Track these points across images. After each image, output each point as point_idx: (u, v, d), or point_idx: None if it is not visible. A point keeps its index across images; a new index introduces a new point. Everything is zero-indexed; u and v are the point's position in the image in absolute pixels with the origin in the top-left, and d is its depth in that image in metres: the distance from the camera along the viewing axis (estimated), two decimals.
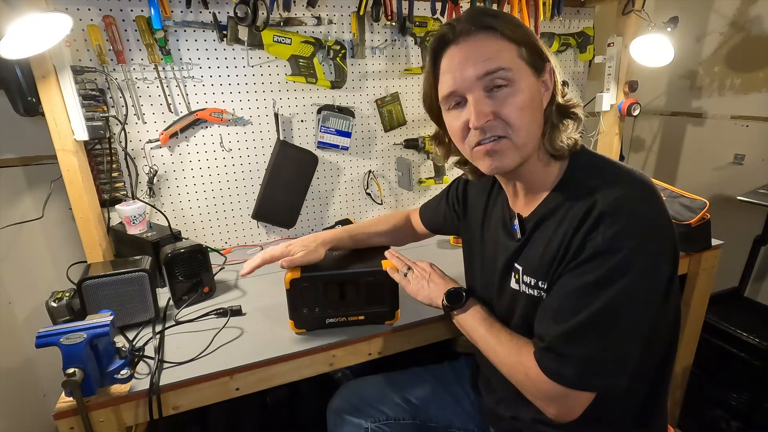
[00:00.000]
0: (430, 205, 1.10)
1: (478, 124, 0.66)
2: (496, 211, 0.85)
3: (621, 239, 0.61)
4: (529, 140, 0.68)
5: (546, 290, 0.70)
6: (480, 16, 0.66)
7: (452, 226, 1.03)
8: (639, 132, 2.32)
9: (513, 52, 0.66)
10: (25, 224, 1.36)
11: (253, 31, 1.30)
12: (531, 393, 0.69)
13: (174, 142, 1.36)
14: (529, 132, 0.67)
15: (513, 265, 0.77)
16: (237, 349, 0.92)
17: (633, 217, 0.61)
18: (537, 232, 0.73)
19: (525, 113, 0.66)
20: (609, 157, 0.72)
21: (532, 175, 0.73)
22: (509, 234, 0.79)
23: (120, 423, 0.81)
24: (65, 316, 0.98)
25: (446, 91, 0.69)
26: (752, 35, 1.79)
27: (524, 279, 0.74)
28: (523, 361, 0.69)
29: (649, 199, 0.64)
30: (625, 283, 0.61)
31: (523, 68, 0.66)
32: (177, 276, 1.08)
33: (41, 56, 1.07)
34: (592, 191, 0.65)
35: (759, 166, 1.83)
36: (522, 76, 0.66)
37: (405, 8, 1.44)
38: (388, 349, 1.00)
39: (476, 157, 0.71)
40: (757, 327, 1.55)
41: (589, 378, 0.64)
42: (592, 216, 0.63)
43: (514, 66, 0.65)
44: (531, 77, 0.67)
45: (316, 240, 0.96)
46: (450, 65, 0.67)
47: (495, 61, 0.64)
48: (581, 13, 1.79)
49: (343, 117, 1.51)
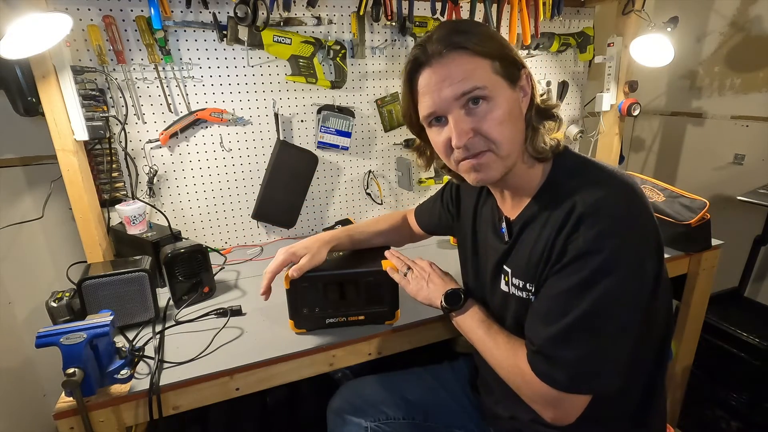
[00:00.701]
0: (425, 206, 1.10)
1: (459, 144, 0.67)
2: (486, 212, 0.86)
3: (602, 239, 0.61)
4: (513, 150, 0.69)
5: (534, 293, 0.71)
6: (450, 35, 0.66)
7: (447, 227, 1.04)
8: (639, 132, 2.32)
9: (487, 68, 0.66)
10: (25, 224, 1.36)
11: (253, 31, 1.30)
12: (527, 396, 0.70)
13: (174, 142, 1.36)
14: (511, 143, 0.68)
15: (502, 267, 0.78)
16: (237, 349, 0.92)
17: (613, 217, 0.62)
18: (523, 235, 0.74)
19: (505, 127, 0.67)
20: (592, 158, 0.73)
21: (517, 180, 0.74)
22: (498, 236, 0.81)
23: (120, 423, 0.81)
24: (65, 316, 0.98)
25: (426, 112, 0.70)
26: (752, 35, 1.79)
27: (513, 281, 0.75)
28: (519, 363, 0.70)
29: (631, 198, 0.64)
30: (610, 283, 0.61)
31: (498, 82, 0.66)
32: (177, 276, 1.08)
33: (41, 56, 1.07)
34: (573, 193, 0.66)
35: (759, 166, 1.83)
36: (498, 91, 0.66)
37: (405, 8, 1.44)
38: (388, 349, 1.00)
39: (462, 171, 0.72)
40: (757, 327, 1.55)
41: (581, 380, 0.64)
42: (573, 217, 0.64)
43: (488, 83, 0.65)
44: (507, 90, 0.67)
45: (318, 241, 0.95)
46: (427, 87, 0.68)
47: (470, 80, 0.65)
48: (581, 13, 1.79)
49: (343, 117, 1.51)
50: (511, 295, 0.76)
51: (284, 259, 0.90)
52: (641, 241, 0.63)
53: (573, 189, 0.66)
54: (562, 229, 0.65)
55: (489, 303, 0.84)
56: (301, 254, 0.91)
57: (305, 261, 0.90)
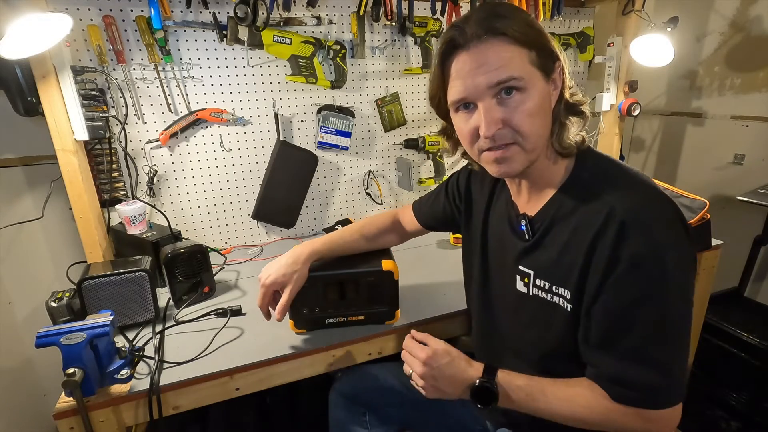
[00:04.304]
0: (425, 200, 1.06)
1: (488, 134, 0.65)
2: (500, 206, 0.83)
3: (657, 247, 0.60)
4: (538, 144, 0.67)
5: (570, 300, 0.68)
6: (492, 19, 0.63)
7: (451, 220, 1.00)
8: (639, 132, 2.31)
9: (524, 57, 0.64)
10: (25, 224, 1.36)
11: (253, 31, 1.30)
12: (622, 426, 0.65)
13: (174, 142, 1.36)
14: (538, 137, 0.67)
15: (519, 267, 0.75)
16: (237, 349, 0.92)
17: (661, 223, 0.61)
18: (549, 236, 0.71)
19: (535, 119, 0.65)
20: (612, 158, 0.72)
21: (538, 174, 0.72)
22: (516, 233, 0.77)
23: (120, 423, 0.81)
24: (65, 316, 0.98)
25: (456, 97, 0.67)
26: (752, 35, 1.79)
27: (537, 282, 0.72)
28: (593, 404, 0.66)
29: (667, 203, 0.63)
30: (670, 292, 0.60)
31: (534, 74, 0.64)
32: (177, 276, 1.08)
33: (41, 56, 1.07)
34: (604, 195, 0.64)
35: (759, 166, 1.83)
36: (533, 83, 0.64)
37: (405, 8, 1.44)
38: (388, 349, 1.00)
39: (484, 161, 0.70)
40: (757, 327, 1.55)
41: (672, 393, 0.63)
42: (614, 224, 0.62)
43: (525, 73, 0.63)
44: (541, 81, 0.65)
45: (295, 262, 0.89)
46: (460, 72, 0.65)
47: (506, 69, 0.62)
48: (581, 13, 1.79)
49: (343, 117, 1.51)
50: (532, 297, 0.73)
51: (265, 293, 0.88)
52: (687, 243, 0.63)
53: (603, 191, 0.65)
54: (601, 234, 0.63)
55: (498, 301, 0.81)
56: (279, 282, 0.87)
57: (285, 298, 0.87)
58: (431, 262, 1.34)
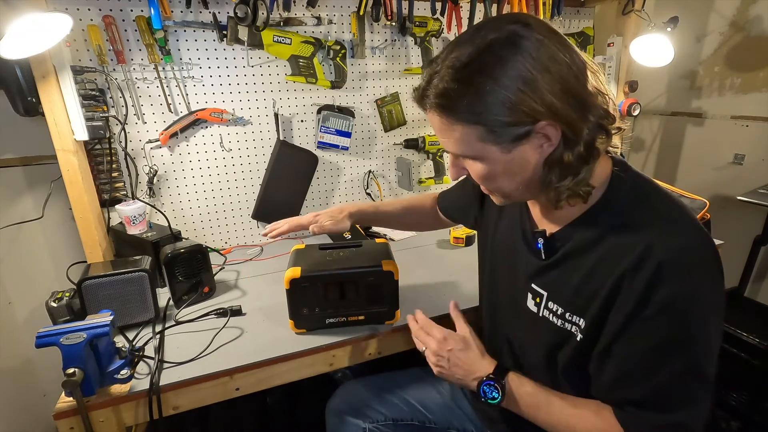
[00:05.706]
0: (452, 190, 1.05)
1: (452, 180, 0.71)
2: (513, 210, 0.80)
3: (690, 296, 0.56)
4: (513, 191, 0.64)
5: (583, 330, 0.64)
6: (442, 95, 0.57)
7: (471, 214, 0.96)
8: (639, 132, 2.31)
9: (472, 136, 0.58)
10: (25, 224, 1.36)
11: (253, 31, 1.30)
12: None
13: (174, 142, 1.36)
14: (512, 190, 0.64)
15: (533, 284, 0.72)
16: (237, 349, 0.92)
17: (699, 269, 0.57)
18: (570, 260, 0.66)
19: (495, 181, 0.63)
20: (652, 180, 0.65)
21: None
22: (531, 249, 0.72)
23: (120, 423, 0.81)
24: (65, 316, 0.98)
25: None
26: (752, 35, 1.79)
27: (549, 305, 0.69)
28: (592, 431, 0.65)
29: (708, 243, 0.59)
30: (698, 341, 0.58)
31: (486, 149, 0.59)
32: (177, 276, 1.08)
33: (41, 56, 1.07)
34: (641, 227, 0.59)
35: (759, 166, 1.83)
36: (485, 155, 0.60)
37: (405, 8, 1.44)
38: (388, 349, 1.00)
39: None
40: (757, 327, 1.55)
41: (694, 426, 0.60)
42: (650, 264, 0.57)
43: (474, 152, 0.60)
44: (497, 153, 0.59)
45: (342, 211, 0.99)
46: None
47: (456, 146, 0.61)
48: (581, 13, 1.79)
49: (343, 117, 1.51)
50: (542, 318, 0.70)
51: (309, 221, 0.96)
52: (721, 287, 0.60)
53: (641, 221, 0.60)
54: (634, 271, 0.57)
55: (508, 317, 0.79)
56: (325, 220, 0.96)
57: (328, 225, 0.96)
58: (431, 262, 1.34)
